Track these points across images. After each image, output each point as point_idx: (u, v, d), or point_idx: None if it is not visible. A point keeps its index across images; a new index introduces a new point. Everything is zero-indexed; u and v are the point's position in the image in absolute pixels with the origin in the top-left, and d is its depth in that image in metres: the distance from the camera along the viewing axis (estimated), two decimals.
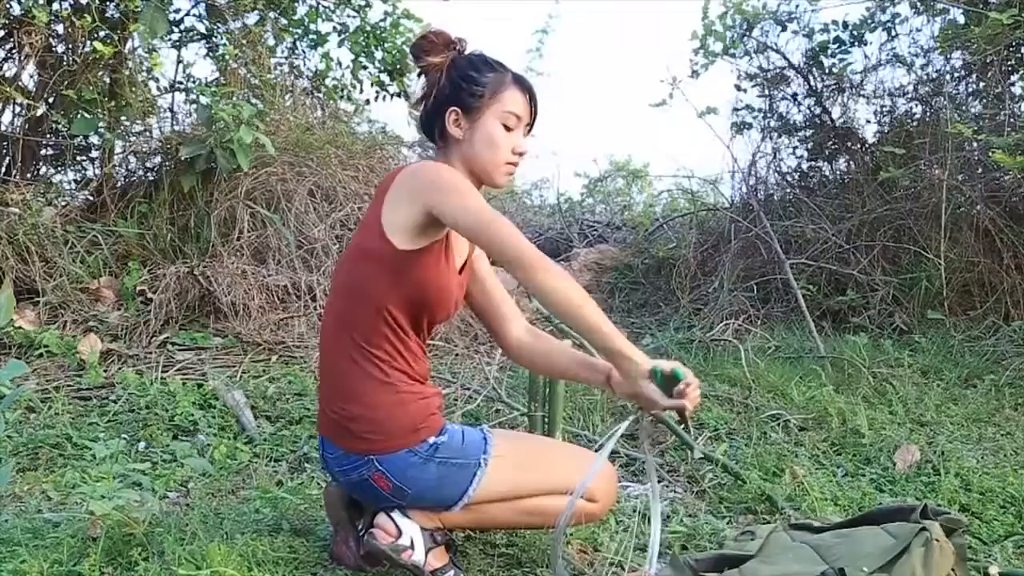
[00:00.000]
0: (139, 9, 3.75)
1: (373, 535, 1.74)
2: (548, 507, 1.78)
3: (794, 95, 5.35)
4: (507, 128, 1.78)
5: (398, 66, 4.83)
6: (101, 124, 4.01)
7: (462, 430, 1.79)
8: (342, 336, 1.74)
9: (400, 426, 1.72)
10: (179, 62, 4.48)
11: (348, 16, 4.80)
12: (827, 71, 5.19)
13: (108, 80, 4.13)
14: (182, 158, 3.81)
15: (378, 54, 4.83)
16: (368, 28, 4.75)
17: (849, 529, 1.81)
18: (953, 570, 1.65)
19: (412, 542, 1.74)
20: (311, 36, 4.83)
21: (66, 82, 3.94)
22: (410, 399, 1.74)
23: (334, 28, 4.83)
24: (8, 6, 3.92)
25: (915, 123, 4.92)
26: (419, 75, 1.84)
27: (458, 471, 1.74)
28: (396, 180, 1.73)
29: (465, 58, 1.81)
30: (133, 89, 4.11)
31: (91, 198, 4.21)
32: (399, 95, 4.94)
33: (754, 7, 5.18)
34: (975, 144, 4.32)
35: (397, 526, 1.75)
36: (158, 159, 4.26)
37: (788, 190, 5.43)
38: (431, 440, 1.73)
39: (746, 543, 1.85)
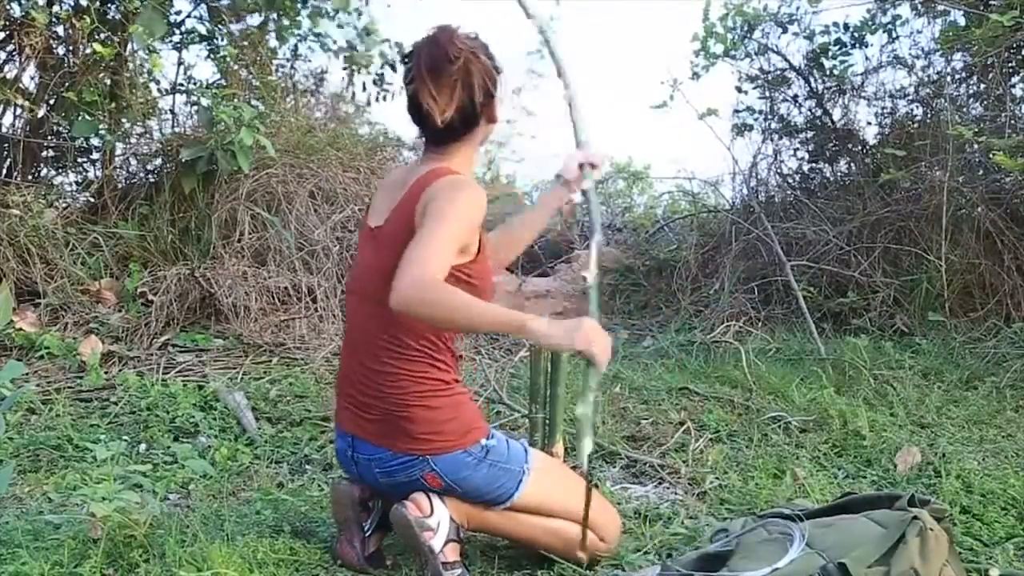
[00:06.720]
0: (139, 11, 3.75)
1: (404, 505, 1.75)
2: (567, 531, 1.85)
3: (795, 97, 5.34)
4: None
5: (394, 66, 4.84)
6: (102, 126, 4.01)
7: (506, 438, 1.84)
8: (398, 339, 1.73)
9: (458, 426, 1.76)
10: (180, 64, 4.49)
11: (348, 20, 4.81)
12: (828, 73, 5.18)
13: (109, 82, 4.13)
14: (183, 160, 3.81)
15: (376, 57, 4.83)
16: (368, 34, 4.74)
17: (831, 518, 1.76)
18: (947, 561, 1.63)
19: (438, 526, 1.76)
20: (312, 39, 4.84)
21: (67, 84, 3.95)
22: (463, 399, 1.80)
23: (331, 31, 4.85)
24: (8, 8, 3.93)
25: (916, 125, 4.90)
26: (452, 81, 1.71)
27: (505, 475, 1.78)
28: (427, 193, 1.68)
29: (483, 47, 1.79)
30: (134, 91, 4.12)
31: (92, 200, 4.21)
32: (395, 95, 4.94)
33: (755, 9, 5.17)
34: (976, 146, 4.31)
35: (432, 505, 1.76)
36: (159, 161, 4.26)
37: (789, 192, 5.42)
38: (483, 442, 1.78)
39: (722, 540, 1.83)
